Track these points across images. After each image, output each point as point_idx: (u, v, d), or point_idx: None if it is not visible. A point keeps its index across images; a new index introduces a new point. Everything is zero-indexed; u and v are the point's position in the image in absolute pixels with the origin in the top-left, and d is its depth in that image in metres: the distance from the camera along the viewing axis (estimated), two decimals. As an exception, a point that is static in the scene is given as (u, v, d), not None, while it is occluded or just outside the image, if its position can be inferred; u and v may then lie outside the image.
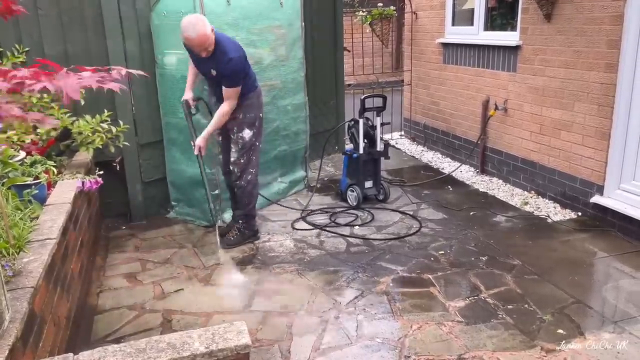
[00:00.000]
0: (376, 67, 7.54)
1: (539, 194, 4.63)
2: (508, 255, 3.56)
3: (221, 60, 3.42)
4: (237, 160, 3.71)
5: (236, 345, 1.64)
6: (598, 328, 2.72)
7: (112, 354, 1.60)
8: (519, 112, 4.76)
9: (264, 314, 2.93)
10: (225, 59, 3.41)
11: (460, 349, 2.57)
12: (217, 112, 3.57)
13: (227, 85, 3.49)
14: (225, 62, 3.41)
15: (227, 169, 3.82)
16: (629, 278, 3.22)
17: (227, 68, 3.43)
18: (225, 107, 3.55)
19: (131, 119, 4.02)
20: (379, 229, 4.06)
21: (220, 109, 3.56)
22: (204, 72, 3.61)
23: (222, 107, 3.56)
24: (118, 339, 2.72)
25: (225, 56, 3.41)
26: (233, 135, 3.68)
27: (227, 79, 3.48)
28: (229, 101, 3.55)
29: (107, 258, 3.67)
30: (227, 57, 3.41)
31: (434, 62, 6.10)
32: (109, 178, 3.99)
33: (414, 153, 6.30)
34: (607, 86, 3.81)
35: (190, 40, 3.31)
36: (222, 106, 3.56)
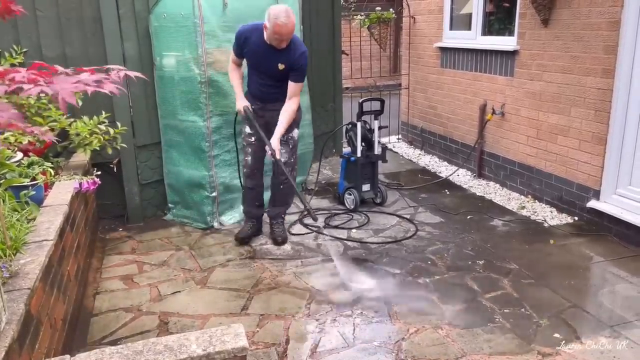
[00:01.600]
0: (374, 70, 7.57)
1: (535, 198, 4.64)
2: (505, 259, 3.56)
3: (294, 53, 3.37)
4: (289, 161, 3.70)
5: (233, 347, 1.63)
6: (594, 332, 2.73)
7: (109, 356, 1.60)
8: (516, 117, 4.78)
9: (261, 316, 2.92)
10: (298, 51, 3.37)
11: (456, 353, 2.57)
12: (286, 110, 3.51)
13: (297, 80, 3.46)
14: (298, 54, 3.38)
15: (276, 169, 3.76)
16: (625, 283, 3.23)
17: (300, 61, 3.39)
18: (293, 105, 3.51)
19: (129, 121, 4.02)
20: (376, 232, 4.07)
21: (288, 107, 3.51)
22: (266, 68, 3.49)
23: (290, 105, 3.51)
24: (114, 341, 2.71)
25: (298, 49, 3.38)
26: (283, 137, 3.60)
27: (299, 73, 3.44)
28: (296, 98, 3.53)
29: (104, 260, 3.66)
30: (300, 50, 3.37)
31: (431, 66, 6.12)
32: (106, 180, 3.99)
33: (411, 156, 6.31)
34: (604, 91, 3.83)
35: (282, 27, 3.22)
36: (289, 104, 3.51)
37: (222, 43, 3.93)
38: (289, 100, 3.54)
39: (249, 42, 3.47)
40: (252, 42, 3.46)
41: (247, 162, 3.77)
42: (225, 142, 4.11)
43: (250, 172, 3.78)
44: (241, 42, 3.50)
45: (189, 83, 3.92)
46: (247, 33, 3.49)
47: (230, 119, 4.09)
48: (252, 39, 3.46)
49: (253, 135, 3.68)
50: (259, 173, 3.83)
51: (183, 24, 3.83)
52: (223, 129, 4.07)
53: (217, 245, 3.86)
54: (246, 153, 3.76)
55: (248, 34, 3.48)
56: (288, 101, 3.54)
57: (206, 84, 3.89)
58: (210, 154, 4.02)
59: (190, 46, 3.84)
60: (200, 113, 3.95)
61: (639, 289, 3.13)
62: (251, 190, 3.84)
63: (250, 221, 3.94)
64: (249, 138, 3.72)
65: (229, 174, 4.17)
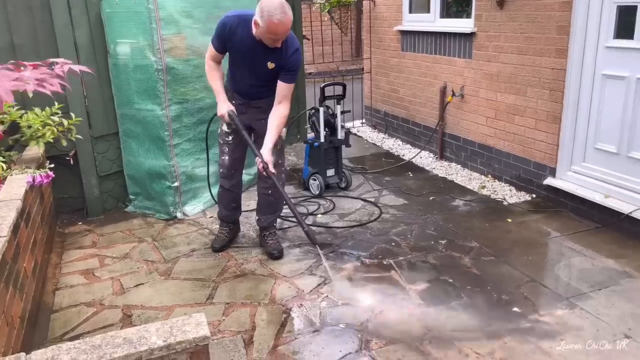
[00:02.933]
0: (336, 55, 7.56)
1: (495, 177, 4.75)
2: (466, 238, 3.64)
3: (286, 51, 3.00)
4: (276, 162, 3.22)
5: (195, 337, 1.62)
6: (552, 305, 2.83)
7: (65, 352, 1.56)
8: (475, 98, 4.86)
9: (227, 305, 2.91)
10: (291, 48, 3.01)
11: (420, 331, 2.63)
12: (277, 115, 3.12)
13: (289, 81, 3.08)
14: (291, 52, 3.02)
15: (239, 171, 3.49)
16: (580, 256, 3.35)
17: (292, 60, 3.03)
18: (284, 109, 3.13)
19: (84, 111, 3.89)
20: (341, 217, 4.09)
21: (280, 112, 3.12)
22: (253, 66, 3.10)
23: (281, 110, 3.12)
24: (76, 336, 2.65)
25: (291, 46, 3.01)
26: (245, 135, 3.21)
27: (291, 73, 3.07)
28: (287, 101, 3.14)
29: (63, 255, 3.57)
30: (293, 47, 3.01)
31: (392, 49, 6.15)
32: (63, 173, 3.88)
33: (375, 140, 6.35)
34: (558, 71, 3.93)
35: (279, 26, 2.80)
36: (280, 109, 3.12)
37: (182, 29, 3.85)
38: (278, 104, 3.13)
39: (235, 36, 3.03)
40: (239, 37, 3.03)
41: (223, 162, 3.43)
42: (186, 131, 4.04)
43: (227, 173, 3.45)
44: (226, 36, 3.06)
45: (145, 71, 3.82)
46: (233, 25, 3.02)
47: (190, 107, 4.02)
48: (239, 32, 3.02)
49: (231, 134, 3.34)
50: (237, 174, 3.50)
51: (136, 9, 3.71)
52: (183, 117, 3.99)
53: (181, 236, 3.81)
54: (223, 152, 3.41)
55: (234, 26, 3.02)
56: (278, 105, 3.13)
57: (163, 72, 3.80)
58: (170, 143, 3.94)
59: (144, 33, 3.74)
60: (158, 101, 3.86)
61: (593, 262, 3.26)
62: (228, 191, 3.51)
63: (226, 226, 3.62)
64: (226, 137, 3.37)
65: (191, 163, 4.10)
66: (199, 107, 4.08)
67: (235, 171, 3.48)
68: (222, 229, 3.64)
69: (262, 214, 3.54)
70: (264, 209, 3.53)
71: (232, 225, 3.67)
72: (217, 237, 3.63)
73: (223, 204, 3.58)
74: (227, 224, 3.63)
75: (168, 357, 1.60)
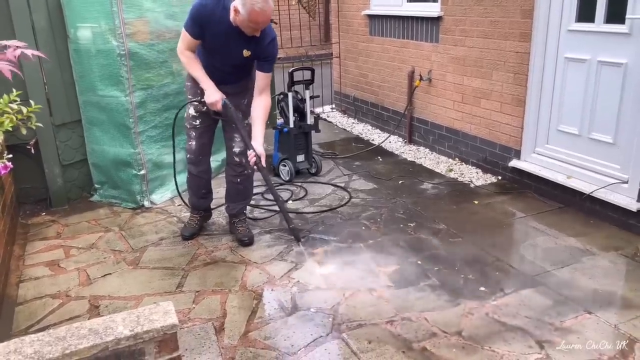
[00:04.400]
0: (305, 40, 7.50)
1: (462, 160, 4.83)
2: (434, 220, 3.70)
3: (263, 40, 2.93)
4: (245, 150, 3.17)
5: (162, 325, 1.60)
6: (517, 283, 2.90)
7: (29, 344, 1.53)
8: (442, 82, 4.91)
9: (197, 293, 2.89)
10: (268, 37, 2.94)
11: (389, 312, 2.67)
12: (262, 107, 3.09)
13: (268, 70, 3.05)
14: (268, 41, 2.95)
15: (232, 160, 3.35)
16: (544, 235, 3.44)
17: (270, 49, 2.98)
18: (267, 100, 3.10)
19: (44, 98, 3.76)
20: (311, 202, 4.10)
21: (264, 103, 3.09)
22: (228, 53, 3.01)
23: (264, 101, 3.09)
24: (42, 329, 2.59)
25: (268, 34, 2.94)
26: (239, 123, 3.15)
27: (269, 62, 3.03)
28: (268, 90, 3.12)
29: (27, 246, 3.48)
30: (270, 36, 2.96)
31: (361, 34, 6.13)
32: (24, 162, 3.76)
33: (345, 125, 6.36)
34: (522, 55, 3.99)
35: (260, 14, 2.72)
36: (263, 100, 3.09)
37: (144, 13, 3.76)
38: (260, 95, 3.10)
39: (212, 20, 2.88)
40: (216, 21, 2.88)
41: (190, 148, 3.32)
42: (152, 118, 3.97)
43: (195, 159, 3.34)
44: (203, 21, 2.89)
45: (107, 56, 3.71)
46: (210, 9, 2.88)
47: (155, 93, 3.94)
48: (216, 16, 2.87)
49: (198, 118, 3.24)
50: (205, 159, 3.40)
51: (96, -8, 3.60)
52: (148, 103, 3.91)
53: (149, 225, 3.75)
54: (190, 137, 3.31)
55: (211, 8, 2.88)
56: (260, 97, 3.10)
57: (126, 57, 3.70)
58: (135, 130, 3.86)
59: (106, 17, 3.63)
60: (121, 88, 3.76)
61: (556, 241, 3.36)
62: (196, 177, 3.41)
63: (196, 214, 3.55)
64: (193, 121, 3.26)
65: (157, 150, 4.03)
66: (164, 93, 4.01)
67: (203, 156, 3.38)
68: (192, 216, 3.57)
69: (232, 201, 3.49)
70: (234, 197, 3.48)
71: (203, 212, 3.60)
72: (188, 225, 3.56)
73: (193, 191, 3.50)
74: (197, 211, 3.56)
75: (135, 347, 1.58)
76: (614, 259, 3.11)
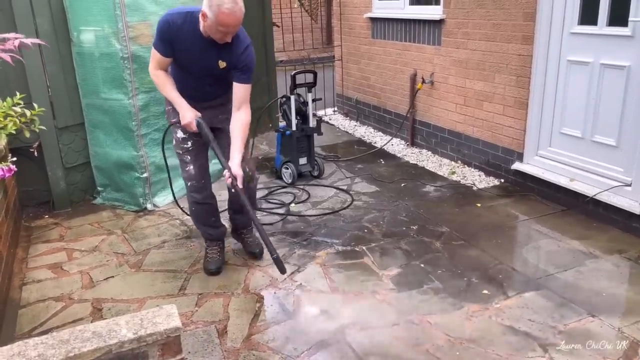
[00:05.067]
0: (307, 42, 7.52)
1: (465, 163, 4.82)
2: (437, 223, 3.70)
3: (237, 47, 2.69)
4: (245, 157, 2.89)
5: (166, 328, 1.61)
6: (520, 287, 2.90)
7: (33, 347, 1.53)
8: (445, 85, 4.91)
9: (200, 295, 2.89)
10: (242, 44, 2.70)
11: (392, 315, 2.66)
12: (240, 124, 2.77)
13: (245, 81, 2.76)
14: (242, 49, 2.70)
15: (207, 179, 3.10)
16: (547, 238, 3.43)
17: (245, 57, 2.72)
18: (246, 115, 2.78)
19: (47, 102, 3.77)
20: (314, 205, 4.10)
21: (242, 119, 2.77)
22: (202, 67, 2.78)
23: (242, 116, 2.77)
24: (45, 332, 2.60)
25: (242, 41, 2.70)
26: (213, 143, 2.84)
27: (246, 73, 2.75)
28: (247, 105, 2.80)
29: (30, 249, 3.48)
30: (244, 43, 2.71)
31: (363, 37, 6.14)
32: (27, 165, 3.77)
33: (347, 128, 6.36)
34: (524, 57, 3.99)
35: (229, 16, 2.48)
36: (241, 115, 2.77)
37: (148, 16, 3.76)
38: (238, 110, 2.77)
39: (181, 34, 2.67)
40: (185, 35, 2.67)
41: (189, 174, 3.01)
42: (155, 121, 3.97)
43: (198, 184, 3.03)
44: (172, 37, 2.68)
45: (110, 59, 3.73)
46: (178, 22, 2.66)
47: (158, 96, 3.93)
48: (184, 30, 2.67)
49: (189, 140, 2.96)
50: (207, 182, 3.08)
51: (99, -4, 3.61)
52: (151, 106, 3.92)
53: (152, 227, 3.76)
54: (185, 162, 3.01)
55: (179, 23, 2.66)
56: (238, 112, 2.78)
57: (129, 60, 3.71)
58: (138, 133, 3.87)
59: (109, 20, 3.64)
60: (125, 91, 3.77)
61: (559, 243, 3.35)
62: (203, 205, 3.09)
63: (215, 245, 3.19)
64: (184, 144, 2.97)
65: (160, 154, 4.02)
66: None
67: (206, 180, 3.08)
68: (211, 249, 3.19)
69: (236, 212, 3.27)
70: (237, 207, 3.20)
71: (221, 242, 3.26)
72: (210, 259, 3.16)
73: (202, 222, 3.17)
74: (215, 242, 3.22)
75: (139, 350, 1.58)
76: (618, 262, 3.10)
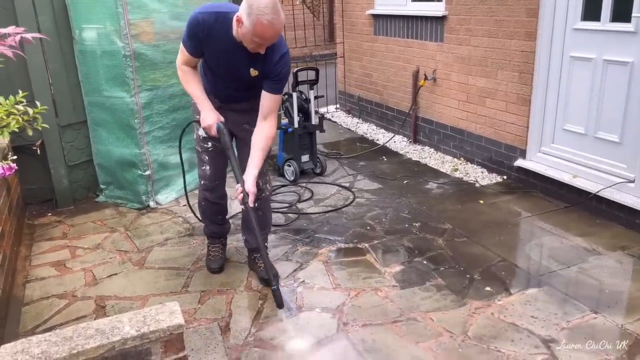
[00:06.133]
0: (309, 40, 7.50)
1: (467, 160, 4.81)
2: (439, 220, 3.69)
3: (272, 56, 2.49)
4: (261, 171, 2.70)
5: (169, 325, 1.61)
6: (522, 283, 2.89)
7: (36, 344, 1.53)
8: (447, 82, 4.89)
9: (202, 293, 2.90)
10: (278, 53, 2.49)
11: (395, 312, 2.66)
12: (263, 136, 2.60)
13: (275, 91, 2.57)
14: (277, 57, 2.49)
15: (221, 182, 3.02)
16: (550, 235, 3.43)
17: (279, 67, 2.51)
18: (271, 128, 2.60)
19: (50, 100, 3.78)
20: (316, 202, 4.10)
21: (265, 131, 2.60)
22: (232, 72, 2.62)
23: (267, 128, 2.60)
24: (48, 329, 2.61)
25: (278, 49, 2.49)
26: (230, 152, 2.72)
27: (277, 82, 2.55)
28: (273, 116, 2.62)
29: (33, 247, 3.49)
30: (281, 51, 2.50)
31: (365, 33, 6.13)
32: (30, 163, 3.79)
33: (349, 125, 6.36)
34: (527, 54, 3.98)
35: (268, 29, 2.28)
36: (266, 127, 2.60)
37: (150, 14, 3.77)
38: (263, 120, 2.60)
39: (212, 36, 2.49)
40: (216, 38, 2.49)
41: (204, 173, 2.95)
42: (158, 118, 3.98)
43: (211, 185, 2.97)
44: (202, 36, 2.50)
45: (113, 57, 3.73)
46: (210, 23, 2.47)
47: (161, 94, 3.95)
48: (216, 32, 2.48)
49: (209, 140, 2.85)
50: (221, 184, 3.02)
51: (101, -7, 3.61)
52: (154, 104, 3.92)
53: (154, 225, 3.76)
54: (202, 161, 2.93)
55: (211, 24, 2.47)
56: (263, 122, 2.60)
57: (132, 58, 3.71)
58: (140, 130, 3.87)
59: (111, 18, 3.64)
60: (127, 88, 3.77)
61: (562, 240, 3.34)
62: (213, 204, 3.05)
63: (217, 243, 3.19)
64: (204, 143, 2.89)
65: (163, 151, 4.04)
66: (170, 94, 4.02)
67: (220, 181, 3.01)
68: (214, 247, 3.18)
69: (250, 233, 3.00)
70: (251, 227, 2.78)
71: (224, 240, 3.26)
72: (212, 257, 3.16)
73: (209, 219, 3.14)
74: (218, 239, 3.21)
75: (142, 347, 1.58)
76: (621, 259, 3.09)
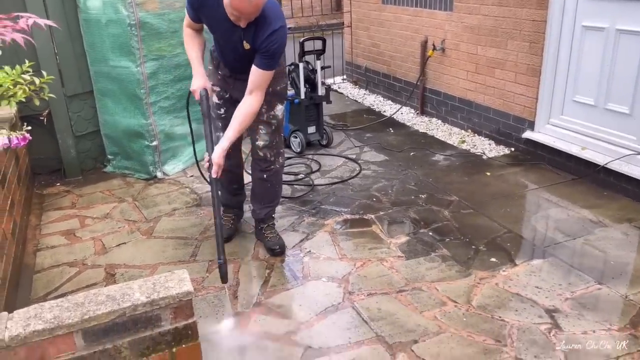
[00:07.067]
0: (316, 9, 7.38)
1: (475, 132, 4.78)
2: (446, 191, 3.69)
3: (262, 31, 2.47)
4: (270, 144, 2.84)
5: (178, 292, 1.63)
6: (527, 254, 2.91)
7: (48, 309, 1.56)
8: (456, 52, 4.82)
9: (210, 262, 2.93)
10: (268, 28, 2.46)
11: (400, 282, 2.69)
12: (243, 110, 2.59)
13: (263, 67, 2.52)
14: (268, 34, 2.46)
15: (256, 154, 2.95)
16: (556, 207, 3.43)
17: (268, 43, 2.47)
18: (254, 103, 2.58)
19: (56, 69, 3.76)
20: (322, 174, 4.10)
21: (247, 106, 2.58)
22: (229, 43, 2.63)
23: (250, 103, 2.58)
24: (59, 296, 2.63)
25: (268, 25, 2.46)
26: (263, 116, 2.77)
27: (266, 58, 2.51)
28: (259, 92, 2.58)
29: (43, 216, 3.54)
30: (271, 27, 2.46)
31: (372, 2, 6.02)
32: (38, 133, 3.78)
33: (356, 97, 6.31)
34: (538, 23, 3.90)
35: (243, 2, 2.29)
36: (249, 101, 2.58)
37: (153, -19, 3.71)
38: (249, 94, 2.58)
39: (205, 7, 2.55)
40: (210, 9, 2.54)
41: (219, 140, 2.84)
42: (164, 88, 3.96)
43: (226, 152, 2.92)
44: (196, 7, 2.59)
45: (118, 26, 3.69)
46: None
47: (166, 64, 3.93)
48: (209, 3, 2.52)
49: (222, 106, 2.88)
50: (235, 151, 2.93)
51: (105, -39, 3.56)
52: (159, 74, 3.90)
53: (162, 195, 3.79)
54: (217, 128, 2.90)
55: None
56: (247, 96, 2.58)
57: (137, 27, 3.68)
58: (147, 101, 3.86)
59: (115, -15, 3.59)
60: (132, 58, 3.75)
61: (568, 212, 3.34)
62: (227, 172, 2.90)
63: (230, 212, 3.21)
64: (217, 110, 2.90)
65: (169, 122, 4.04)
66: (176, 64, 3.99)
67: (234, 150, 2.90)
68: (226, 215, 3.17)
69: (258, 203, 3.07)
70: (260, 197, 3.03)
71: (237, 210, 3.27)
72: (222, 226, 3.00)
73: (223, 187, 3.11)
74: (231, 209, 3.22)
75: (152, 313, 1.61)
76: (627, 231, 3.09)
